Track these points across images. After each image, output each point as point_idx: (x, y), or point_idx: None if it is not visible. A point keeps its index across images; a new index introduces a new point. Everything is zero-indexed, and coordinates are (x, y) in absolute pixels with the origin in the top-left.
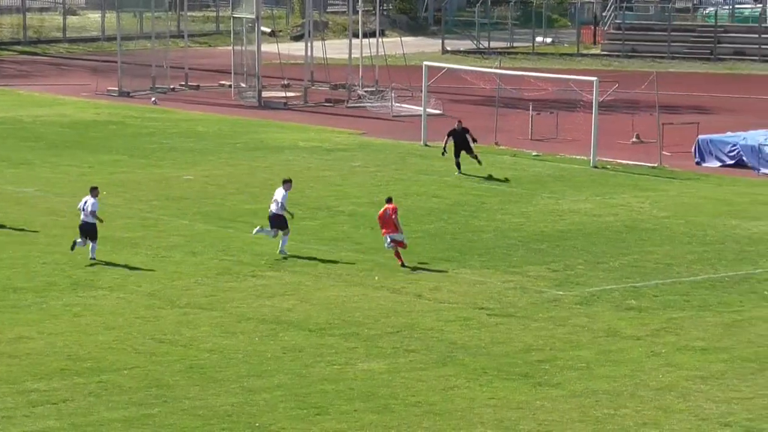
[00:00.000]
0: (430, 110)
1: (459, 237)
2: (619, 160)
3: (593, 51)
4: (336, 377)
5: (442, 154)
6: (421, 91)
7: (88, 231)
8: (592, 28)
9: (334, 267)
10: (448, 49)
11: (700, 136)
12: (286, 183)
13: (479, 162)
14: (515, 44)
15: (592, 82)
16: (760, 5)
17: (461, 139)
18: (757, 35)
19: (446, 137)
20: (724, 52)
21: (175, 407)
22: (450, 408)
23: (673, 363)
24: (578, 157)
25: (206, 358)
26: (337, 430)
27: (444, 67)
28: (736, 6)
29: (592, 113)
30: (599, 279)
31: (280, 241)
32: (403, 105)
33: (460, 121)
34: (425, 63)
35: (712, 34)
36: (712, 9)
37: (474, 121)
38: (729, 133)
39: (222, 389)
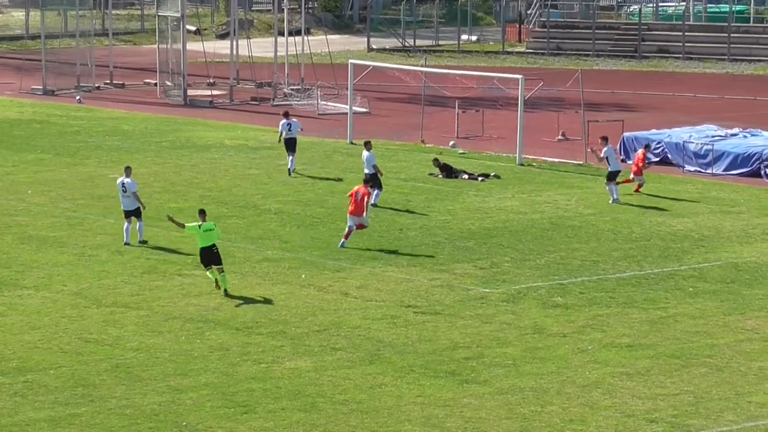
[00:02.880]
0: (356, 108)
1: (386, 235)
2: (544, 158)
3: (518, 49)
4: (263, 376)
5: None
6: (347, 89)
7: (133, 212)
8: (518, 26)
9: (260, 265)
10: (374, 47)
11: (626, 134)
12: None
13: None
14: (441, 42)
15: (517, 79)
16: (684, 3)
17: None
18: (680, 33)
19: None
20: (648, 49)
21: (101, 407)
22: (377, 406)
23: (599, 360)
24: (504, 154)
25: (132, 357)
26: (265, 429)
27: (370, 66)
28: (660, 4)
29: (517, 111)
30: (526, 276)
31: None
32: (329, 103)
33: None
34: (351, 61)
35: (636, 32)
36: (636, 7)
37: (400, 119)
38: (654, 131)
39: (148, 388)
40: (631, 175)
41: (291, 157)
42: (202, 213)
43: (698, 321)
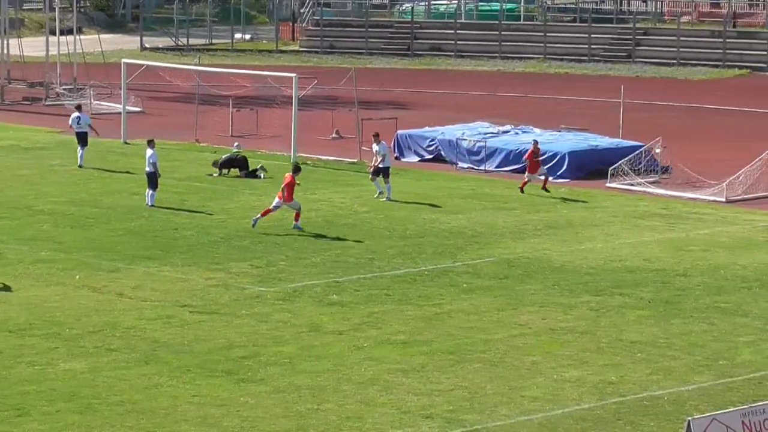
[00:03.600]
0: (129, 108)
1: (161, 235)
2: (319, 156)
3: (292, 47)
4: (37, 378)
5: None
6: (120, 89)
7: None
8: (291, 24)
9: (34, 267)
10: (147, 46)
11: (399, 132)
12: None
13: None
14: (214, 41)
15: (291, 78)
16: (455, 2)
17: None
18: (452, 31)
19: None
20: (420, 48)
21: None
22: (154, 406)
23: (375, 357)
24: (279, 153)
25: None
26: None
27: (143, 65)
28: (432, 2)
29: (291, 109)
30: (301, 274)
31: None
32: (103, 103)
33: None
34: (124, 60)
35: (409, 31)
36: (408, 5)
37: (174, 118)
38: (427, 128)
39: None
40: (527, 175)
41: (81, 152)
42: None
43: (472, 317)
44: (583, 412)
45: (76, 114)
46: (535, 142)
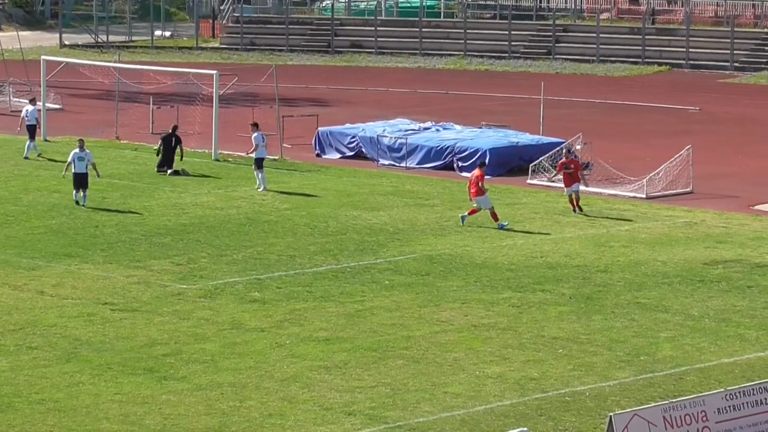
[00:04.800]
0: (49, 105)
1: (81, 232)
2: (240, 153)
3: (212, 44)
4: None
5: (157, 154)
6: (40, 86)
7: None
8: (211, 21)
9: None
10: (66, 43)
11: (320, 129)
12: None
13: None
14: (134, 38)
15: (212, 75)
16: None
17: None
18: (372, 28)
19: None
20: (341, 44)
21: None
22: (75, 404)
23: (297, 354)
24: (200, 150)
25: None
26: None
27: (63, 62)
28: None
29: (212, 106)
30: (223, 272)
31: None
32: (22, 100)
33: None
34: (43, 57)
35: (330, 27)
36: (328, 2)
37: (94, 115)
38: (348, 125)
39: None
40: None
41: (29, 143)
42: None
43: (394, 313)
44: (505, 408)
45: (27, 108)
46: (567, 152)
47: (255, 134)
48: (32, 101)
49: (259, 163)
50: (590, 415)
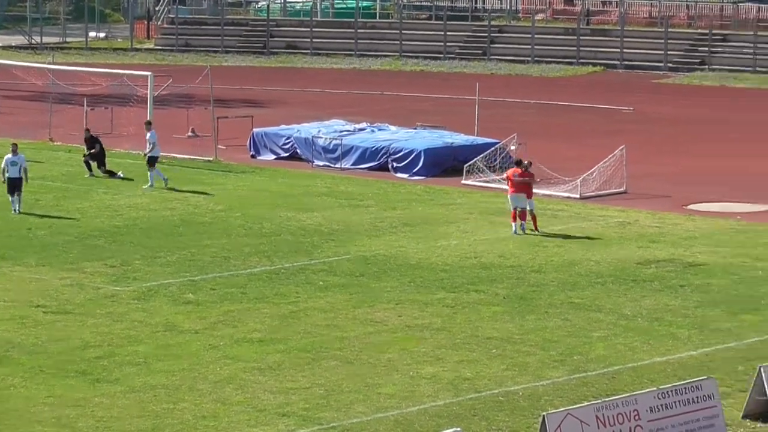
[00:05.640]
0: None
1: (14, 234)
2: (175, 155)
3: (147, 45)
4: None
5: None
6: None
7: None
8: (146, 22)
9: None
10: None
11: (255, 130)
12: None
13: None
14: (68, 39)
15: (146, 76)
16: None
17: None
18: (308, 29)
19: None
20: (276, 45)
21: None
22: (6, 408)
23: (231, 355)
24: (135, 152)
25: None
26: None
27: None
28: (288, 0)
29: (147, 108)
30: (157, 273)
31: None
32: None
33: (87, 129)
34: None
35: (265, 28)
36: (264, 3)
37: (27, 117)
38: (283, 126)
39: None
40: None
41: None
42: None
43: (329, 314)
44: (438, 408)
45: None
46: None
47: (149, 133)
48: None
49: (152, 161)
50: (523, 414)
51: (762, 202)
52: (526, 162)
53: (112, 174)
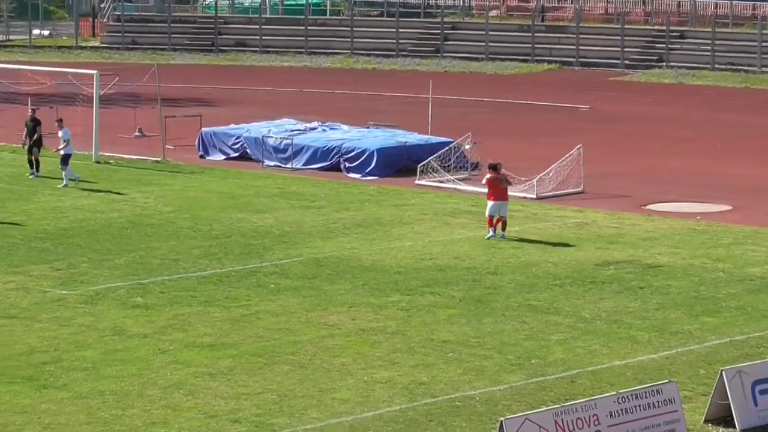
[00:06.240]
0: None
1: None
2: (122, 155)
3: (93, 43)
4: None
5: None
6: None
7: None
8: (91, 20)
9: None
10: None
11: (204, 129)
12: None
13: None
14: (11, 37)
15: (92, 75)
16: None
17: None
18: (257, 26)
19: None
20: (225, 43)
21: None
22: None
23: (181, 360)
24: (81, 152)
25: None
26: None
27: None
28: None
29: (93, 107)
30: (104, 277)
31: None
32: None
33: (34, 110)
34: None
35: (213, 26)
36: (211, 0)
37: None
38: (232, 126)
39: None
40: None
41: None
42: None
43: (281, 318)
44: (394, 413)
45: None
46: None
47: (62, 131)
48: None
49: (65, 159)
50: (481, 420)
51: (721, 202)
52: (498, 164)
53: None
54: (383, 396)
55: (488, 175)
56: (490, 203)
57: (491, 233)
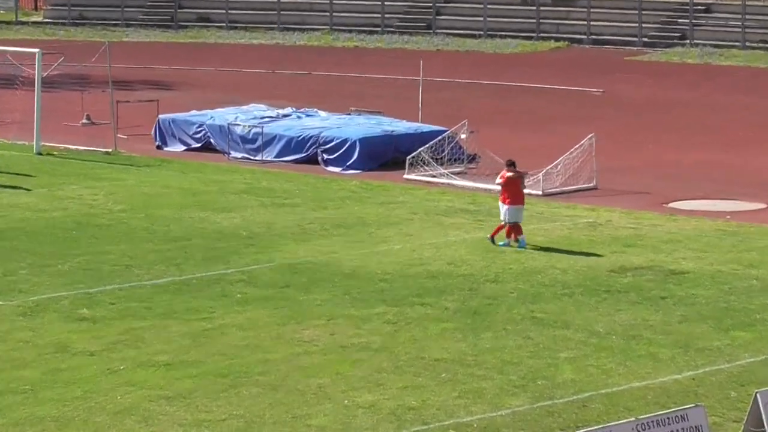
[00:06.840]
0: None
1: None
2: (67, 146)
3: (35, 18)
4: None
5: None
6: None
7: None
8: None
9: None
10: None
11: (161, 116)
12: None
13: None
14: None
15: (34, 54)
16: None
17: None
18: None
19: None
20: (186, 18)
21: None
22: None
23: (134, 382)
24: (19, 142)
25: None
26: None
27: None
28: None
29: (34, 90)
30: (46, 285)
31: None
32: None
33: None
34: None
35: None
36: None
37: None
38: (194, 112)
39: None
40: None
41: None
42: None
43: (248, 333)
44: None
45: None
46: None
47: None
48: None
49: None
50: None
51: (754, 200)
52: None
53: None
54: (366, 423)
55: (507, 173)
56: (504, 207)
57: (507, 240)
